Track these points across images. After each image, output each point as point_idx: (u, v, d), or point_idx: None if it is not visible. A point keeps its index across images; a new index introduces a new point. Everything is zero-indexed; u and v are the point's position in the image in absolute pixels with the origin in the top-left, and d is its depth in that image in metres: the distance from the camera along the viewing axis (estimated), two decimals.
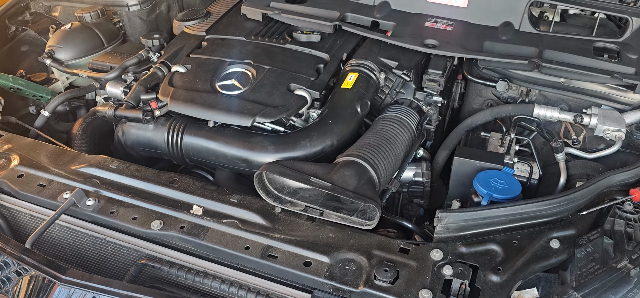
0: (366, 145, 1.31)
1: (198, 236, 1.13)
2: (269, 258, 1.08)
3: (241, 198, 1.23)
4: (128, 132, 1.49)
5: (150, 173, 1.32)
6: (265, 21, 1.81)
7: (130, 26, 2.08)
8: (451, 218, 1.13)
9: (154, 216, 1.19)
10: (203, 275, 1.10)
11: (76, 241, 1.23)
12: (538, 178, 1.40)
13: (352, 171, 1.21)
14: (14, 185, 1.28)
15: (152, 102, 1.45)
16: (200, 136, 1.41)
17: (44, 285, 1.07)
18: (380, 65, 1.57)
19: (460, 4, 1.73)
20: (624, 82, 1.47)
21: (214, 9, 1.94)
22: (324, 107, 1.46)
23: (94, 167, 1.33)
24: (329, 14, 1.75)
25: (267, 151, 1.34)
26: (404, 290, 1.00)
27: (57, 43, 1.86)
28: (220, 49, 1.66)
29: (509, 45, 1.60)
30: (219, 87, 1.48)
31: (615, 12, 1.65)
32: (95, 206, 1.21)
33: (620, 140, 1.42)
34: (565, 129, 1.57)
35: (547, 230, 1.12)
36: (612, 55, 1.60)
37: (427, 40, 1.61)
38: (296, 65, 1.56)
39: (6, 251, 1.11)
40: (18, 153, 1.37)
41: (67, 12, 2.13)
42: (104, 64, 1.80)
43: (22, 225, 1.30)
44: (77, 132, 1.59)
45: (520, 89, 1.62)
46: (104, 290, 1.02)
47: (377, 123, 1.43)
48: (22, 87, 1.74)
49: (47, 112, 1.68)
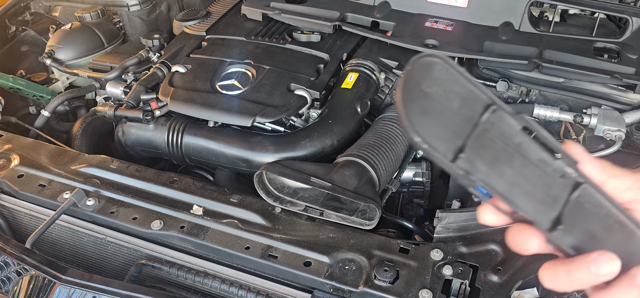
0: (366, 145, 1.31)
1: (198, 236, 1.13)
2: (269, 258, 1.08)
3: (241, 198, 1.23)
4: (128, 132, 1.50)
5: (150, 173, 1.32)
6: (265, 21, 1.81)
7: (131, 26, 2.08)
8: (451, 218, 1.13)
9: (154, 216, 1.19)
10: (203, 275, 1.10)
11: (76, 241, 1.23)
12: None
13: (352, 171, 1.22)
14: (14, 185, 1.28)
15: (152, 102, 1.45)
16: (200, 136, 1.41)
17: (44, 285, 1.07)
18: (380, 65, 1.57)
19: (460, 4, 1.73)
20: (624, 82, 1.47)
21: (214, 9, 1.94)
22: (324, 107, 1.46)
23: (94, 167, 1.33)
24: (329, 14, 1.75)
25: (267, 151, 1.34)
26: (404, 290, 1.00)
27: (57, 43, 1.86)
28: (220, 49, 1.66)
29: (509, 45, 1.60)
30: (219, 87, 1.49)
31: (615, 12, 1.65)
32: (96, 206, 1.21)
33: (620, 140, 1.41)
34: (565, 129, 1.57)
35: None
36: (612, 55, 1.60)
37: (428, 41, 1.61)
38: (296, 65, 1.56)
39: (6, 251, 1.11)
40: (18, 153, 1.37)
41: (67, 12, 2.13)
42: (104, 64, 1.80)
43: (22, 225, 1.30)
44: (77, 132, 1.59)
45: (521, 89, 1.62)
46: (104, 290, 1.02)
47: (377, 123, 1.43)
48: (22, 87, 1.74)
49: (47, 112, 1.68)
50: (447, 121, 0.48)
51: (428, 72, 0.47)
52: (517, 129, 0.49)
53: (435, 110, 0.47)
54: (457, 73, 0.47)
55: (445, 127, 0.48)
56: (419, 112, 0.47)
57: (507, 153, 0.49)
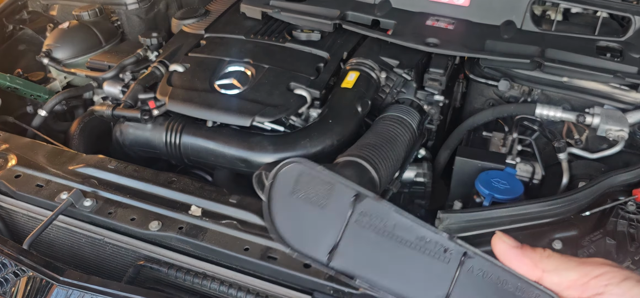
0: (367, 145, 1.29)
1: (197, 237, 1.12)
2: (269, 259, 1.07)
3: (240, 199, 1.21)
4: (126, 132, 1.48)
5: (148, 173, 1.31)
6: (264, 20, 1.79)
7: (129, 25, 2.07)
8: (453, 219, 1.12)
9: (152, 217, 1.17)
10: (202, 276, 1.09)
11: (74, 242, 1.22)
12: (540, 178, 1.39)
13: (352, 171, 1.20)
14: (12, 185, 1.27)
15: (150, 102, 1.44)
16: (198, 136, 1.40)
17: (42, 286, 1.06)
18: (381, 64, 1.55)
19: (461, 2, 1.72)
20: (626, 81, 1.46)
21: (213, 7, 1.93)
22: (324, 107, 1.45)
23: (91, 167, 1.32)
24: (329, 12, 1.74)
25: (267, 151, 1.33)
26: None
27: (54, 42, 1.85)
28: (219, 48, 1.64)
29: (511, 44, 1.59)
30: (217, 86, 1.47)
31: (618, 10, 1.64)
32: (93, 206, 1.20)
33: (623, 140, 1.41)
34: (567, 129, 1.56)
35: (549, 231, 1.11)
36: (615, 54, 1.59)
37: (429, 39, 1.60)
38: (296, 64, 1.55)
39: (4, 252, 1.10)
40: (15, 153, 1.36)
41: (65, 10, 2.12)
42: (102, 63, 1.79)
43: (20, 225, 1.29)
44: (75, 132, 1.58)
45: (523, 88, 1.61)
46: (102, 292, 1.01)
47: (377, 123, 1.42)
48: (20, 86, 1.73)
49: (45, 112, 1.67)
50: (318, 222, 0.48)
51: (292, 178, 0.48)
52: (390, 212, 0.48)
53: (305, 214, 0.48)
54: (320, 172, 0.48)
55: (317, 229, 0.48)
56: (288, 220, 0.47)
57: (384, 240, 0.47)
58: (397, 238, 0.48)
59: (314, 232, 0.48)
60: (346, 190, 0.48)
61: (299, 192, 0.48)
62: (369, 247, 0.48)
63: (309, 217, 0.48)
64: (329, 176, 0.48)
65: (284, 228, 0.48)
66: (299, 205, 0.48)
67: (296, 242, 0.48)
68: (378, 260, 0.48)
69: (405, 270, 0.48)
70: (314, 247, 0.48)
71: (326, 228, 0.48)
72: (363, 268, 0.48)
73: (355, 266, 0.48)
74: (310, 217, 0.48)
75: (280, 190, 0.48)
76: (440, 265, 0.48)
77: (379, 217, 0.48)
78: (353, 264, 0.48)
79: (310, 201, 0.48)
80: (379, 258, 0.48)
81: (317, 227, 0.48)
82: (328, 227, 0.48)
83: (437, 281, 0.48)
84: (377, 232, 0.48)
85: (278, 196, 0.48)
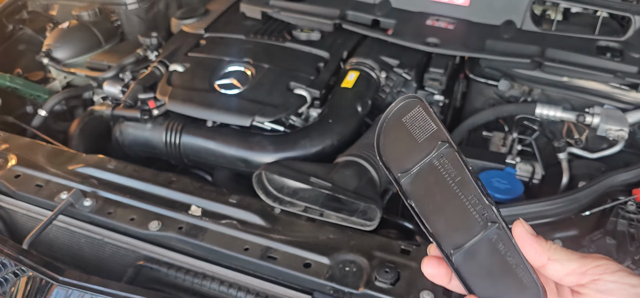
0: (367, 144, 1.29)
1: (197, 237, 1.12)
2: (269, 259, 1.07)
3: (240, 199, 1.21)
4: (126, 132, 1.48)
5: (148, 173, 1.30)
6: (264, 19, 1.79)
7: (128, 25, 2.07)
8: None
9: (152, 217, 1.17)
10: (202, 276, 1.08)
11: (74, 242, 1.22)
12: (540, 178, 1.39)
13: (352, 171, 1.20)
14: (11, 185, 1.27)
15: (150, 101, 1.44)
16: (198, 136, 1.40)
17: (42, 286, 1.05)
18: (381, 63, 1.55)
19: (461, 2, 1.72)
20: (626, 81, 1.46)
21: (213, 7, 1.93)
22: (324, 107, 1.45)
23: (91, 167, 1.32)
24: (329, 12, 1.74)
25: (267, 151, 1.33)
26: (405, 291, 0.99)
27: (54, 42, 1.85)
28: (219, 48, 1.64)
29: (511, 43, 1.59)
30: (217, 86, 1.47)
31: (618, 10, 1.64)
32: (93, 206, 1.20)
33: (623, 139, 1.41)
34: (567, 129, 1.55)
35: (549, 230, 1.11)
36: (615, 54, 1.59)
37: (429, 39, 1.60)
38: (296, 64, 1.54)
39: (3, 252, 1.10)
40: (15, 153, 1.36)
41: (65, 10, 2.12)
42: (102, 63, 1.79)
43: (20, 225, 1.29)
44: (75, 132, 1.57)
45: (523, 88, 1.61)
46: (102, 291, 1.01)
47: (377, 122, 1.41)
48: (20, 86, 1.73)
49: (45, 112, 1.67)
50: (408, 149, 0.59)
51: (408, 110, 0.58)
52: (463, 168, 0.57)
53: (402, 138, 0.59)
54: (431, 114, 0.58)
55: (404, 153, 0.59)
56: (391, 138, 0.59)
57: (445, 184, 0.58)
58: (456, 186, 0.57)
59: (401, 154, 0.59)
60: (441, 134, 0.57)
61: (407, 122, 0.58)
62: (431, 181, 0.58)
63: (404, 141, 0.58)
64: (436, 120, 0.57)
65: (382, 142, 0.59)
66: (402, 129, 0.58)
67: (385, 154, 0.59)
68: (433, 195, 0.58)
69: (448, 213, 0.58)
70: (396, 165, 0.59)
71: (411, 155, 0.58)
72: (419, 198, 0.58)
73: (414, 192, 0.59)
74: (405, 141, 0.58)
75: (396, 114, 0.58)
76: (474, 222, 0.57)
77: (452, 165, 0.57)
78: (414, 190, 0.59)
79: (412, 130, 0.58)
80: (434, 193, 0.58)
81: (405, 151, 0.59)
82: (413, 155, 0.58)
83: (464, 231, 0.58)
84: (444, 173, 0.58)
85: (392, 118, 0.58)
